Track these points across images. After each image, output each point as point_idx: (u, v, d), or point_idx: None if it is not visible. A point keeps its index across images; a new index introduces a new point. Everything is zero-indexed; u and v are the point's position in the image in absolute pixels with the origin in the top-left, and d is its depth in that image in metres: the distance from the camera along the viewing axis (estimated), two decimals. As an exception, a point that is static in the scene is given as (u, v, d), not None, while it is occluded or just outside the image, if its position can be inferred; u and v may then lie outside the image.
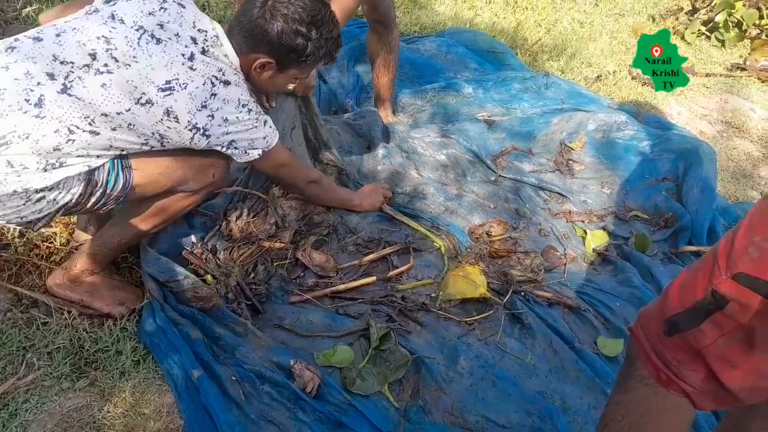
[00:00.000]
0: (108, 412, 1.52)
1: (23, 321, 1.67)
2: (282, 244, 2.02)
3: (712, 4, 4.53)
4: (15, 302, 1.74)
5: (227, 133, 1.61)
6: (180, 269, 1.77)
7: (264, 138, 1.70)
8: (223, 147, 1.64)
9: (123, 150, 1.51)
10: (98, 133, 1.44)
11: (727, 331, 0.93)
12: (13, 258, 1.84)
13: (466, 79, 3.11)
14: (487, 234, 2.32)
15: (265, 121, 1.70)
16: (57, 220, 1.90)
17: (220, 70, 1.57)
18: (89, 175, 1.48)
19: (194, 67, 1.53)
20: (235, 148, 1.66)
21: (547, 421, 1.65)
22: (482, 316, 1.93)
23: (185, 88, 1.51)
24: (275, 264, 2.00)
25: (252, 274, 1.94)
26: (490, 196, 2.53)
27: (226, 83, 1.58)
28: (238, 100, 1.60)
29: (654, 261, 2.36)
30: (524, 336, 1.92)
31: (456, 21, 3.99)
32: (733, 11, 4.42)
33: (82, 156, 1.44)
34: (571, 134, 2.89)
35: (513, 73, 3.20)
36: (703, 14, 4.56)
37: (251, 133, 1.66)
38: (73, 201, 1.48)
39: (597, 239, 2.42)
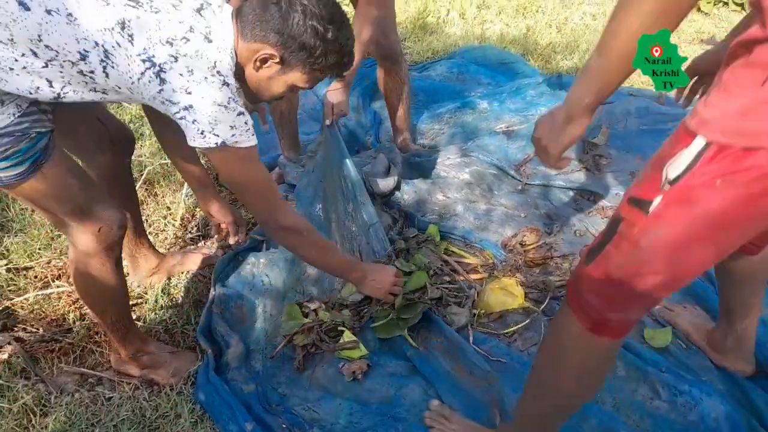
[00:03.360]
0: (174, 474, 1.60)
1: (89, 399, 1.79)
2: None
3: (725, -31, 4.43)
4: (81, 383, 1.87)
5: (188, 91, 1.31)
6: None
7: (232, 127, 1.36)
8: (173, 108, 1.33)
9: (56, 60, 1.24)
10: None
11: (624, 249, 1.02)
12: (76, 340, 1.98)
13: (480, 95, 3.16)
14: (520, 244, 2.33)
15: (241, 114, 1.37)
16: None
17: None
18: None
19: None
20: (192, 119, 1.33)
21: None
22: (520, 326, 1.93)
23: (157, 13, 1.30)
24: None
25: None
26: (520, 206, 2.54)
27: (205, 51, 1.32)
28: (215, 63, 1.34)
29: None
30: (569, 340, 1.91)
31: (467, 39, 4.04)
32: (748, -28, 4.30)
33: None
34: (593, 129, 2.87)
35: (526, 80, 3.22)
36: (718, -19, 4.47)
37: (218, 111, 1.33)
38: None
39: (635, 230, 2.37)
